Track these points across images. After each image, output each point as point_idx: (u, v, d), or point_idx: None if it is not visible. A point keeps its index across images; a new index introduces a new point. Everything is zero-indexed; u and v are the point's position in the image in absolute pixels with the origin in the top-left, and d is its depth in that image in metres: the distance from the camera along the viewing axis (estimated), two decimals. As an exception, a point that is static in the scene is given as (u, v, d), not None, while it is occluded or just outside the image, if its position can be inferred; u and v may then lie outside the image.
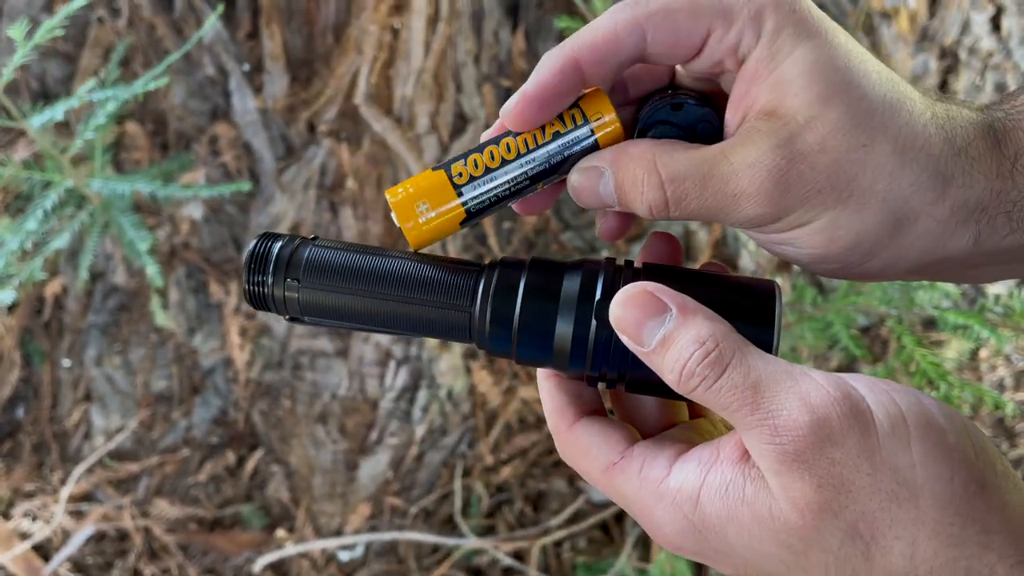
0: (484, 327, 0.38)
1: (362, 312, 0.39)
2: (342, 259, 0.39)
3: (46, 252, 1.23)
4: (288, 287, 0.39)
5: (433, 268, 0.39)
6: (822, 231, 0.36)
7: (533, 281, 0.38)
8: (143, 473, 1.50)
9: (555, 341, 0.37)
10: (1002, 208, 0.36)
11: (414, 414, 1.43)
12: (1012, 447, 1.58)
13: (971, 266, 0.38)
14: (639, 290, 0.35)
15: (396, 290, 0.38)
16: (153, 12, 1.31)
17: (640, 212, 0.38)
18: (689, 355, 0.33)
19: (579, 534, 1.40)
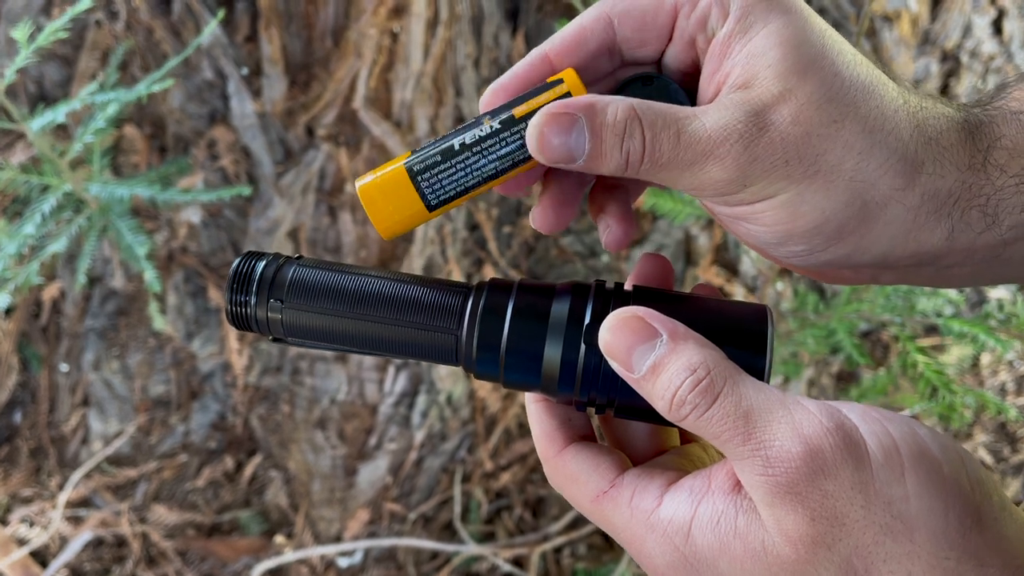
0: (471, 350, 0.37)
1: (347, 334, 0.38)
2: (327, 279, 0.38)
3: (43, 256, 1.23)
4: (271, 308, 0.38)
5: (420, 289, 0.38)
6: (786, 205, 0.35)
7: (521, 304, 0.37)
8: (141, 478, 1.49)
9: (544, 365, 0.36)
10: (975, 202, 0.35)
11: (413, 419, 1.42)
12: (1014, 452, 1.58)
13: (946, 265, 0.37)
14: (629, 315, 0.34)
15: (381, 312, 0.37)
16: (151, 15, 1.30)
17: (611, 165, 0.36)
18: (680, 383, 0.32)
19: (579, 540, 1.39)
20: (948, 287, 0.41)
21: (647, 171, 0.36)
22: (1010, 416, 1.02)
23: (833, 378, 1.51)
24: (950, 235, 0.35)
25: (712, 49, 0.36)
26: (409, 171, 0.38)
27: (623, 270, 1.42)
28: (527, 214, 1.41)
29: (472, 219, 1.38)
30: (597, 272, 1.42)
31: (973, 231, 0.35)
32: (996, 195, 0.35)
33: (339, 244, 1.37)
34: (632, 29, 0.37)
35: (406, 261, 1.37)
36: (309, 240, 1.37)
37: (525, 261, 1.43)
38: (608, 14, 0.37)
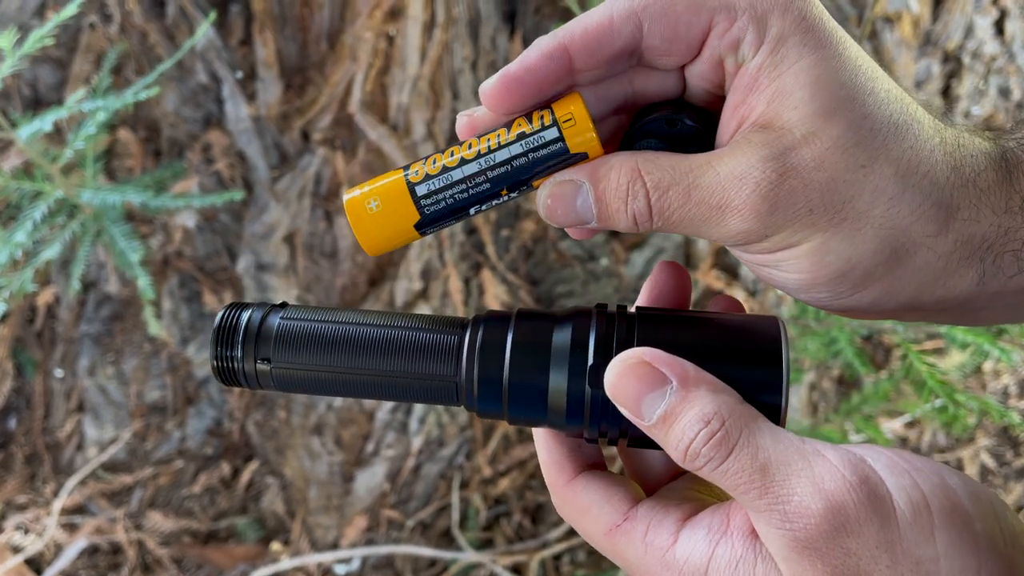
0: (472, 390, 0.36)
1: (339, 386, 0.37)
2: (314, 331, 0.36)
3: (37, 263, 1.22)
4: (260, 364, 0.36)
5: (413, 334, 0.36)
6: (811, 255, 0.33)
7: (520, 337, 0.35)
8: (136, 485, 1.48)
9: (549, 400, 0.35)
10: (1010, 246, 0.33)
11: (411, 425, 1.41)
12: (1017, 456, 1.57)
13: (972, 308, 0.35)
14: (635, 360, 0.33)
15: (373, 363, 0.36)
16: (145, 19, 1.29)
17: (622, 226, 0.35)
18: (694, 435, 0.31)
19: (578, 547, 1.38)
20: (973, 326, 0.39)
21: (659, 228, 0.35)
22: (1013, 422, 1.01)
23: (834, 382, 1.50)
24: (980, 280, 0.34)
25: (740, 79, 0.35)
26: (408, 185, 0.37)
27: (622, 274, 1.41)
28: (525, 217, 1.40)
29: (470, 223, 1.37)
30: (596, 276, 1.41)
31: (1004, 275, 0.34)
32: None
33: (335, 249, 1.36)
34: (661, 37, 0.35)
35: (403, 266, 1.36)
36: (305, 245, 1.36)
37: (523, 265, 1.41)
38: (639, 15, 0.34)
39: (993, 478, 1.54)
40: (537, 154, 0.36)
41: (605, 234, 1.40)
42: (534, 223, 1.39)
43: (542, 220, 1.39)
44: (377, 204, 0.36)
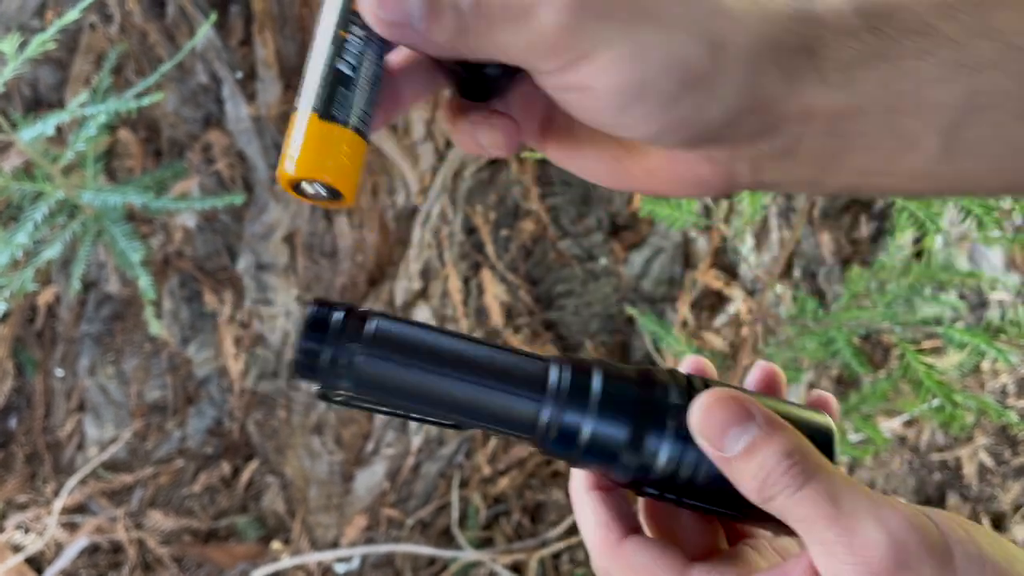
0: (549, 431, 0.36)
1: (425, 394, 0.36)
2: (408, 331, 0.36)
3: (37, 262, 1.22)
4: (349, 353, 0.35)
5: (500, 353, 0.37)
6: (629, 50, 0.32)
7: (608, 388, 0.37)
8: (137, 484, 1.48)
9: (625, 449, 0.36)
10: (805, 49, 0.33)
11: (410, 425, 1.42)
12: (1015, 455, 1.57)
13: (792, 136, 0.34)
14: (726, 395, 0.35)
15: (464, 371, 0.36)
16: (145, 19, 1.29)
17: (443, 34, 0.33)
18: (776, 463, 0.33)
19: (577, 546, 1.38)
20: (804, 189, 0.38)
21: (482, 32, 0.33)
22: (1011, 421, 1.01)
23: (833, 381, 1.51)
24: (786, 82, 0.33)
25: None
26: (319, 113, 0.35)
27: (621, 274, 1.41)
28: (524, 217, 1.40)
29: (469, 222, 1.38)
30: (595, 276, 1.41)
31: (805, 82, 0.33)
32: (819, 44, 0.33)
33: (335, 249, 1.36)
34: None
35: (403, 266, 1.36)
36: (305, 244, 1.36)
37: (523, 264, 1.42)
38: None
39: (991, 477, 1.54)
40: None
41: (604, 233, 1.40)
42: (533, 223, 1.40)
43: (541, 220, 1.39)
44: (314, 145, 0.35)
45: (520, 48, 0.33)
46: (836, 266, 1.48)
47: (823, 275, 1.47)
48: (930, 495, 1.52)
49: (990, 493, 1.53)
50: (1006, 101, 0.32)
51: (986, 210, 0.68)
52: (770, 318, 1.13)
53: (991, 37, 0.32)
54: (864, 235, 1.50)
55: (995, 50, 0.32)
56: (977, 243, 1.45)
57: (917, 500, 1.51)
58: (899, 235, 0.89)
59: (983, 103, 0.33)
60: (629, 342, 1.45)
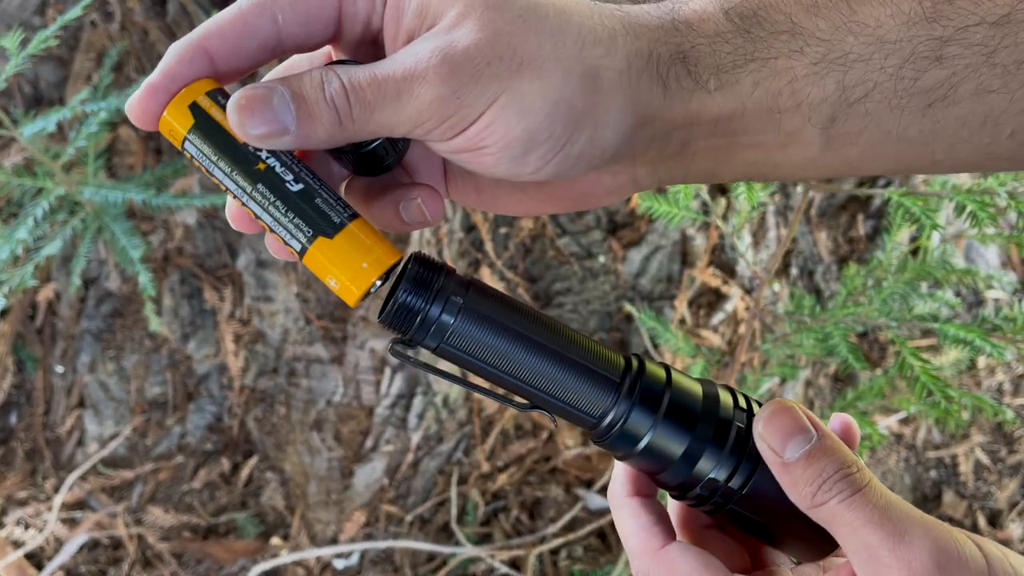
0: (613, 428, 0.38)
1: (513, 355, 0.37)
2: (504, 302, 0.38)
3: (38, 259, 1.22)
4: (450, 305, 0.36)
5: (587, 340, 0.38)
6: (510, 105, 0.33)
7: (675, 398, 0.38)
8: (137, 480, 1.49)
9: (683, 455, 0.38)
10: (677, 58, 0.35)
11: (410, 421, 1.42)
12: (1011, 453, 1.58)
13: (684, 140, 0.36)
14: (789, 406, 0.37)
15: (554, 347, 0.37)
16: (146, 17, 1.30)
17: (324, 121, 0.34)
18: (833, 471, 0.35)
19: (576, 542, 1.39)
20: (702, 180, 0.40)
21: (361, 118, 0.34)
22: (1007, 418, 1.02)
23: (830, 379, 1.51)
24: (666, 93, 0.35)
25: (388, 17, 0.36)
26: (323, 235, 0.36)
27: (620, 271, 1.42)
28: (523, 215, 1.40)
29: (469, 220, 1.38)
30: (593, 274, 1.42)
31: (684, 89, 0.35)
32: (693, 51, 0.35)
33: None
34: (299, 25, 0.35)
35: (402, 263, 1.37)
36: (305, 242, 1.37)
37: (522, 262, 1.42)
38: (270, 8, 0.35)
39: (987, 475, 1.55)
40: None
41: (603, 231, 1.41)
42: (532, 221, 1.40)
43: (540, 218, 1.40)
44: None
45: (404, 124, 0.34)
46: (833, 264, 1.49)
47: (820, 273, 1.48)
48: (926, 493, 1.53)
49: (986, 491, 1.53)
50: (876, 92, 0.34)
51: (981, 206, 0.69)
52: (767, 315, 1.14)
53: (856, 32, 0.34)
54: (861, 233, 1.51)
55: (862, 44, 0.34)
56: (973, 240, 1.45)
57: (913, 498, 1.52)
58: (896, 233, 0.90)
59: (855, 96, 0.34)
60: (627, 339, 1.45)
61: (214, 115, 0.36)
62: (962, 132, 0.34)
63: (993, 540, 0.35)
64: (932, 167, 0.37)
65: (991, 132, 0.34)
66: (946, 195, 0.74)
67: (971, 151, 0.35)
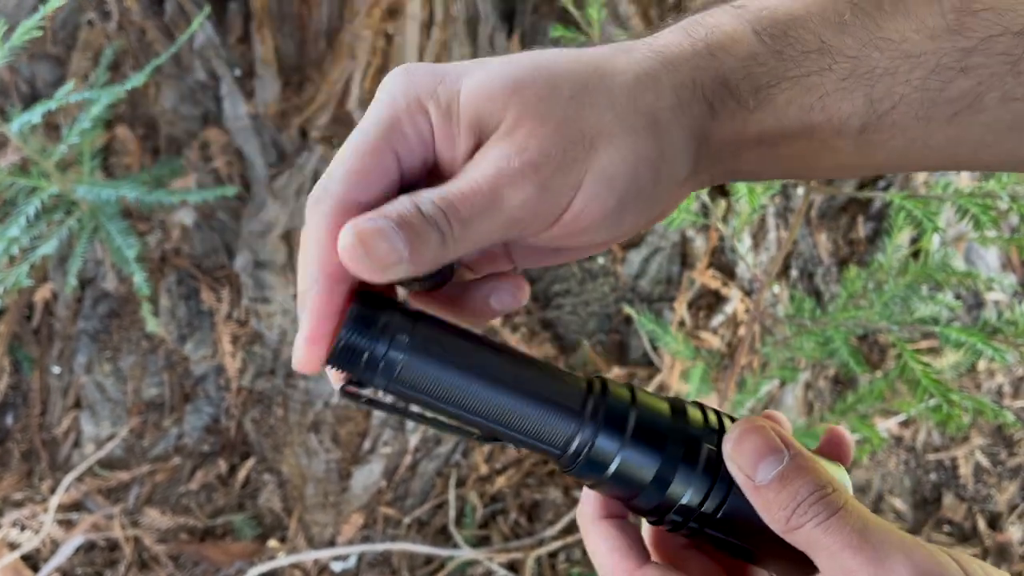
0: (579, 456, 0.36)
1: (463, 400, 0.36)
2: (454, 337, 0.36)
3: (33, 258, 1.22)
4: (395, 345, 0.35)
5: (544, 369, 0.37)
6: (598, 182, 0.35)
7: (641, 420, 0.37)
8: (134, 482, 1.48)
9: (652, 479, 0.36)
10: (717, 82, 0.36)
11: (408, 423, 1.42)
12: (1011, 455, 1.58)
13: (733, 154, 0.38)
14: (759, 424, 0.36)
15: (507, 383, 0.36)
16: (143, 16, 1.29)
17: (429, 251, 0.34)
18: (807, 493, 0.34)
19: (574, 545, 1.39)
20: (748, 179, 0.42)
21: (463, 234, 0.34)
22: (1008, 421, 1.01)
23: (830, 381, 1.51)
24: (713, 115, 0.36)
25: (440, 146, 0.36)
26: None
27: (619, 273, 1.41)
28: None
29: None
30: (592, 275, 1.42)
31: (729, 110, 0.37)
32: (732, 75, 0.36)
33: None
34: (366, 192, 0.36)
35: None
36: (303, 242, 1.36)
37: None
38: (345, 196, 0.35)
39: (987, 477, 1.54)
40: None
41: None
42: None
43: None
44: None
45: (501, 229, 0.35)
46: (833, 266, 1.49)
47: (820, 275, 1.47)
48: (926, 495, 1.53)
49: (986, 493, 1.53)
50: (903, 104, 0.35)
51: (983, 209, 0.69)
52: (767, 318, 1.13)
53: (883, 48, 0.35)
54: (861, 235, 1.50)
55: (888, 59, 0.35)
56: (974, 243, 1.45)
57: (913, 500, 1.51)
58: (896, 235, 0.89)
59: (883, 108, 0.36)
60: (626, 341, 1.45)
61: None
62: (987, 138, 0.35)
63: (992, 541, 0.35)
64: (954, 167, 0.38)
65: (1016, 137, 0.35)
66: (947, 198, 0.74)
67: (994, 155, 0.36)
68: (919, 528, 1.47)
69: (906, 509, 1.49)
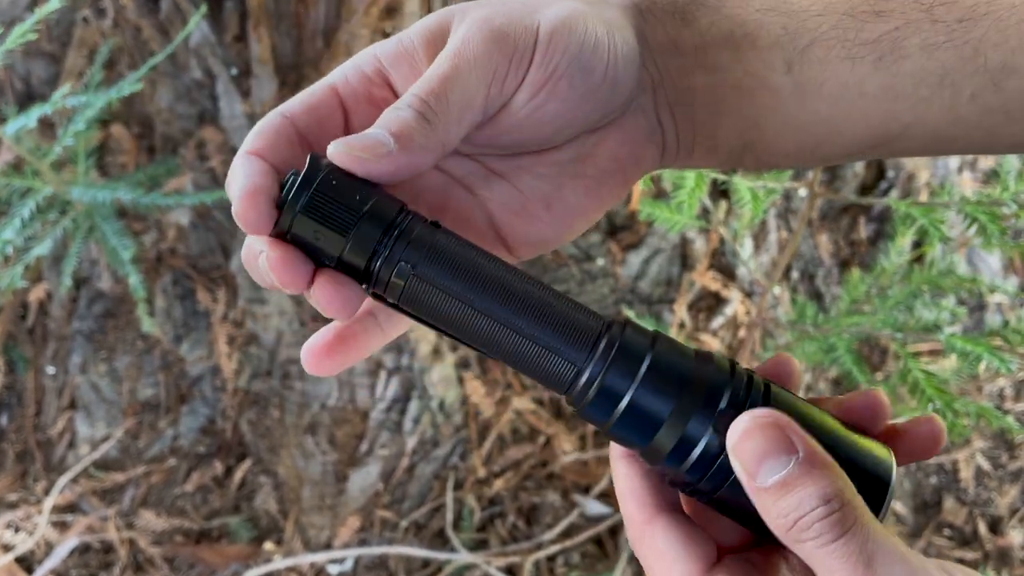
0: (588, 389, 0.34)
1: (466, 327, 0.34)
2: (467, 257, 0.34)
3: (27, 259, 1.21)
4: (398, 271, 0.33)
5: (559, 304, 0.35)
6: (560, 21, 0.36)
7: (659, 359, 0.34)
8: (129, 483, 1.47)
9: (659, 434, 0.33)
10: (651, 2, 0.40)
11: (405, 425, 1.41)
12: (1012, 459, 1.57)
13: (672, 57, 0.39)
14: (770, 420, 0.32)
15: (511, 316, 0.34)
16: (138, 14, 1.28)
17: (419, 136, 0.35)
18: (810, 508, 0.30)
19: (573, 548, 1.38)
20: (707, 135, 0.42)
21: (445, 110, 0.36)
22: (1011, 428, 1.00)
23: (830, 383, 1.50)
24: (647, 21, 0.39)
25: (397, 76, 0.39)
26: None
27: (618, 274, 1.40)
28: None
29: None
30: (592, 276, 1.41)
31: (659, 21, 0.39)
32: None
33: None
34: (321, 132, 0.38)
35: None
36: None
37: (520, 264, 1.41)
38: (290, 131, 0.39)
39: (988, 481, 1.54)
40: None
41: (602, 234, 1.39)
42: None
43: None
44: None
45: (482, 89, 0.36)
46: (834, 267, 1.48)
47: (821, 277, 1.46)
48: (927, 499, 1.52)
49: (987, 497, 1.52)
50: (821, 40, 0.37)
51: (991, 218, 0.68)
52: (768, 321, 1.12)
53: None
54: (863, 237, 1.49)
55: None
56: (976, 247, 1.44)
57: (913, 504, 1.50)
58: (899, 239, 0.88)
59: (802, 43, 0.37)
60: (626, 343, 1.44)
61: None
62: (921, 90, 0.35)
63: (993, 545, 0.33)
64: (904, 132, 0.37)
65: (951, 92, 0.35)
66: (953, 206, 0.73)
67: (937, 113, 0.36)
68: (919, 532, 1.47)
69: (906, 512, 1.49)
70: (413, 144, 0.34)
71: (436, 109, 0.35)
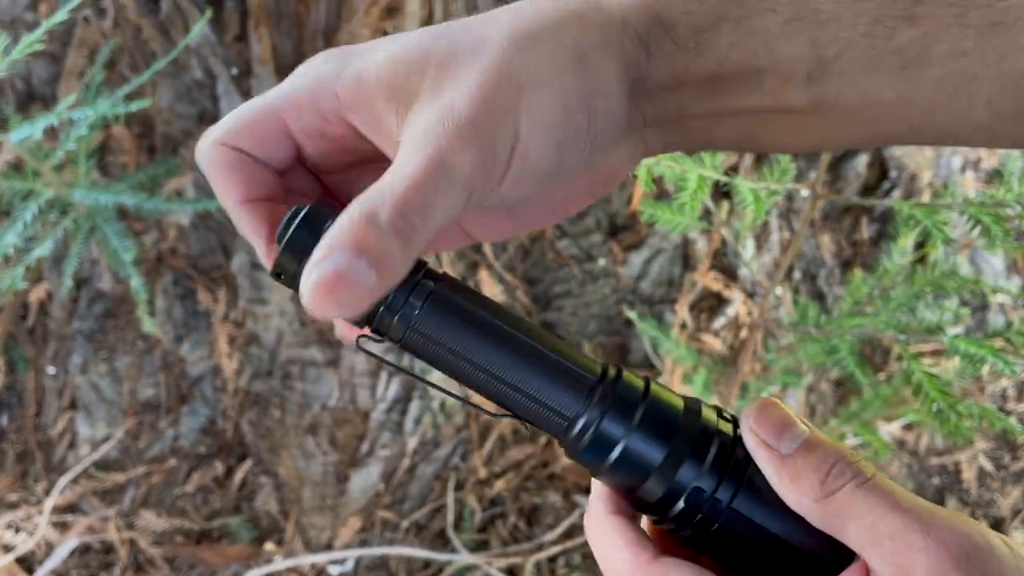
0: (583, 436, 0.35)
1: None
2: (464, 313, 0.35)
3: (28, 260, 1.20)
4: (399, 320, 0.35)
5: (554, 356, 0.36)
6: (534, 123, 0.33)
7: (652, 409, 0.36)
8: (129, 483, 1.47)
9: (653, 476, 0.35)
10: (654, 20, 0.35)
11: (406, 426, 1.40)
12: (1015, 460, 1.57)
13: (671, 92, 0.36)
14: (777, 402, 0.35)
15: (507, 368, 0.35)
16: (139, 14, 1.28)
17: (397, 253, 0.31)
18: (836, 459, 0.33)
19: (574, 549, 1.38)
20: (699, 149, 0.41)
21: (424, 224, 0.32)
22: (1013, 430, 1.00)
23: (832, 384, 1.50)
24: (649, 56, 0.35)
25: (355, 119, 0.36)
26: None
27: (620, 275, 1.40)
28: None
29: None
30: (593, 277, 1.40)
31: (665, 52, 0.35)
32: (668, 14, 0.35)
33: (331, 248, 1.35)
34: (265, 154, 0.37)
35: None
36: (300, 243, 1.35)
37: (520, 264, 1.40)
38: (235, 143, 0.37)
39: (991, 482, 1.53)
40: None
41: (603, 234, 1.39)
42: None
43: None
44: None
45: (459, 202, 0.33)
46: (836, 268, 1.47)
47: (823, 277, 1.46)
48: (929, 499, 1.52)
49: (989, 498, 1.52)
50: (849, 51, 0.34)
51: (995, 220, 0.67)
52: (770, 322, 1.12)
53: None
54: (865, 237, 1.49)
55: (832, 3, 0.34)
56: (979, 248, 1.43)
57: (916, 505, 1.50)
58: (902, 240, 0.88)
59: (828, 55, 0.34)
60: (628, 344, 1.44)
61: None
62: (938, 96, 0.34)
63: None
64: (910, 133, 0.37)
65: (967, 97, 0.34)
66: (957, 207, 0.72)
67: (948, 117, 0.35)
68: (921, 533, 1.46)
69: (908, 514, 1.48)
70: (394, 271, 0.31)
71: (418, 225, 0.31)
